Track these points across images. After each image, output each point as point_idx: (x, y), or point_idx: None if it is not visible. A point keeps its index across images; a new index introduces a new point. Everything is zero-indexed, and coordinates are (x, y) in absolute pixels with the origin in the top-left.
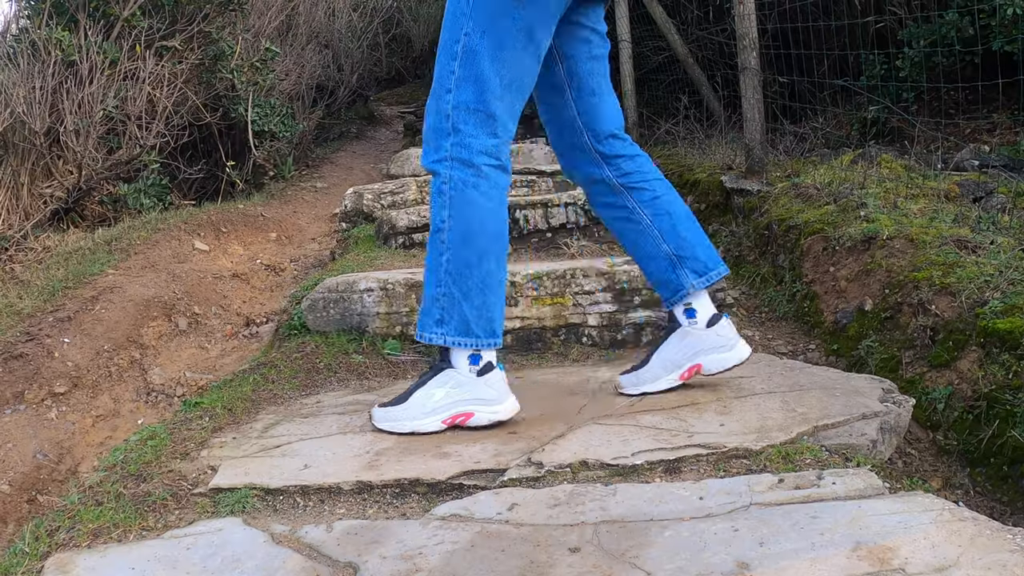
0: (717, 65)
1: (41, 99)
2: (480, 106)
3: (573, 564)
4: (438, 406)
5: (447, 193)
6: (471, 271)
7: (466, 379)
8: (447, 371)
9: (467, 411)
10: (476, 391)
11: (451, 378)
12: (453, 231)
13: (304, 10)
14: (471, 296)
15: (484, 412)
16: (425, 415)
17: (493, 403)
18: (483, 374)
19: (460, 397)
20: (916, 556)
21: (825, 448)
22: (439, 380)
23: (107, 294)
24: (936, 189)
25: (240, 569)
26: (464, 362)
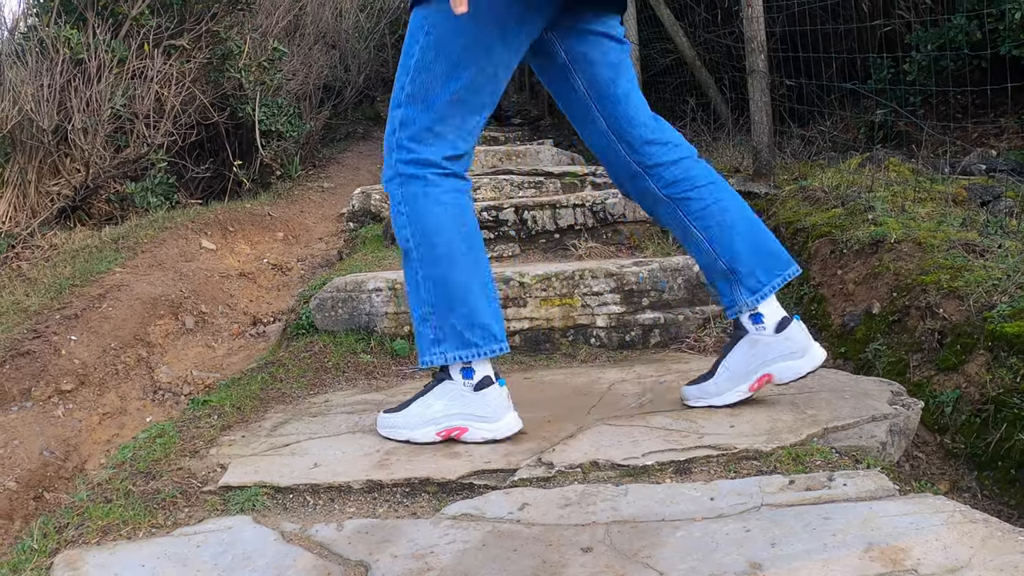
0: (724, 68)
1: (49, 97)
2: (427, 123)
3: (586, 564)
4: (435, 417)
5: (403, 211)
6: (448, 280)
7: (462, 393)
8: (446, 383)
9: (462, 425)
10: (473, 406)
11: (449, 391)
12: (420, 246)
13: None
14: (456, 306)
15: (479, 428)
16: (421, 425)
17: (489, 420)
18: (480, 389)
19: (457, 411)
20: (928, 557)
21: (835, 450)
22: (438, 392)
23: (114, 292)
24: (944, 193)
25: (251, 567)
26: (459, 376)
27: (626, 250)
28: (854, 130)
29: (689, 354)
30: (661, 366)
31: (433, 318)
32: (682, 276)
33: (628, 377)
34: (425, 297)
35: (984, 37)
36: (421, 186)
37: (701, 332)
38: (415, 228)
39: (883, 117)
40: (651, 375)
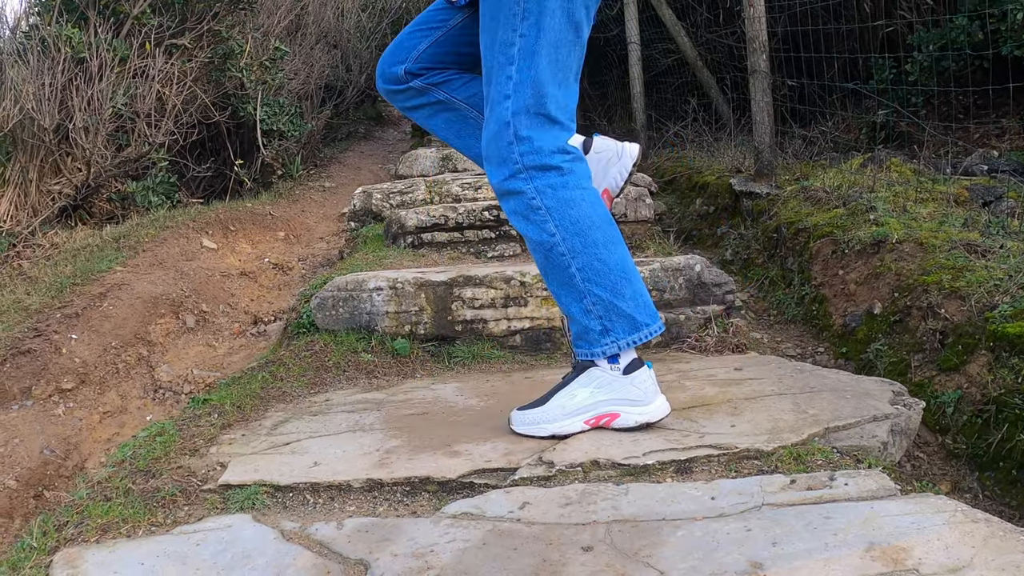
0: (726, 68)
1: (51, 96)
2: (540, 109)
3: (586, 563)
4: (581, 407)
5: (542, 206)
6: (610, 265)
7: (611, 378)
8: (590, 371)
9: (612, 411)
10: (623, 391)
11: (595, 378)
12: (570, 237)
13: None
14: (621, 290)
15: (631, 413)
16: (566, 416)
17: (640, 403)
18: (629, 372)
19: (605, 397)
20: (930, 557)
21: (836, 450)
22: (582, 380)
23: (115, 291)
24: (945, 193)
25: (250, 566)
26: (605, 362)
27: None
28: (855, 130)
29: (690, 354)
30: (662, 365)
31: (598, 308)
32: (683, 276)
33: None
34: (585, 288)
35: (986, 37)
36: (557, 176)
37: (702, 332)
38: (560, 220)
39: (885, 117)
40: None
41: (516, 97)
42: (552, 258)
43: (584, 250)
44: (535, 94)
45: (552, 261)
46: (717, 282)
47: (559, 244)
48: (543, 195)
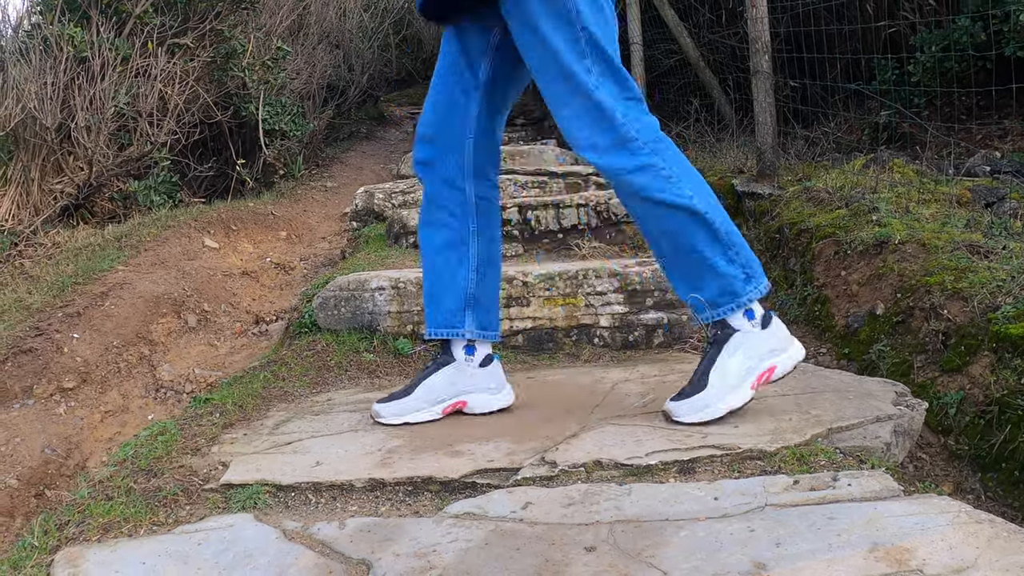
0: (728, 68)
1: (53, 95)
2: (627, 93)
3: (589, 563)
4: (741, 373)
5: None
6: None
7: (752, 335)
8: (732, 337)
9: (770, 364)
10: (767, 343)
11: (739, 342)
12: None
13: (315, 10)
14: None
15: (783, 360)
16: (733, 388)
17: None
18: (767, 325)
19: (756, 355)
20: (934, 557)
21: (839, 450)
22: (728, 349)
23: (116, 290)
24: (948, 194)
25: (252, 565)
26: (744, 321)
27: (629, 250)
28: (858, 131)
29: (692, 354)
30: (664, 366)
31: (741, 256)
32: None
33: (631, 377)
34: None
35: (989, 38)
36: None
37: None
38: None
39: (887, 118)
40: (654, 375)
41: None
42: (695, 218)
43: (716, 204)
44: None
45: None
46: None
47: (698, 204)
48: (670, 163)
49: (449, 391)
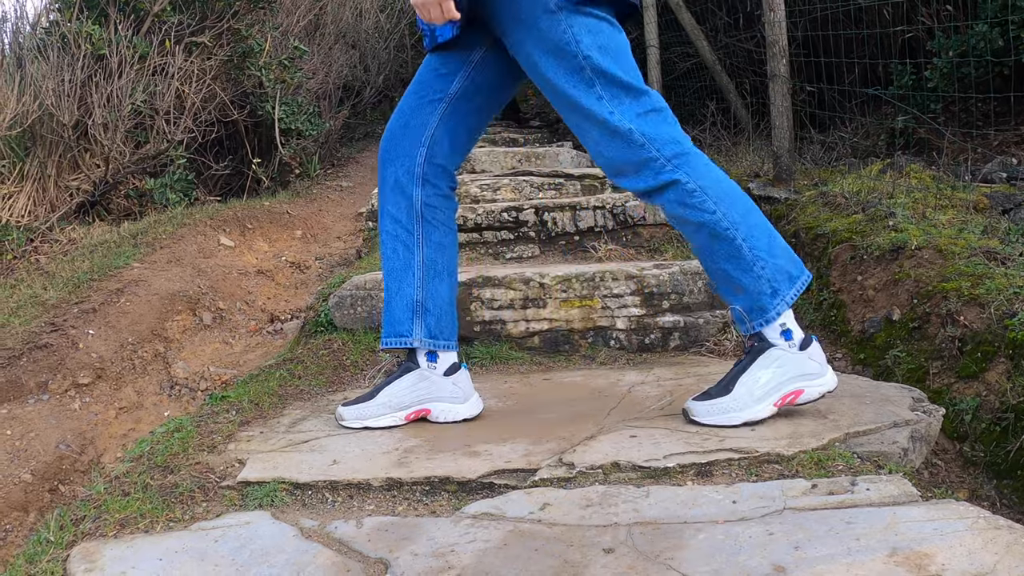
0: (744, 72)
1: (70, 92)
2: (645, 106)
3: (608, 564)
4: (768, 388)
5: (697, 187)
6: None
7: (788, 355)
8: (769, 351)
9: (797, 388)
10: (800, 366)
11: (775, 358)
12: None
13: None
14: (775, 246)
15: (812, 387)
16: (756, 401)
17: (817, 376)
18: (805, 348)
19: (787, 375)
20: (953, 563)
21: (857, 455)
22: (762, 362)
23: (132, 287)
24: (965, 200)
25: (270, 563)
26: (780, 339)
27: (645, 253)
28: (874, 136)
29: (709, 358)
30: (681, 369)
31: (766, 271)
32: (702, 280)
33: (648, 380)
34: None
35: (1007, 44)
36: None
37: (721, 336)
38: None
39: (904, 123)
40: (671, 378)
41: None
42: (718, 234)
43: (742, 219)
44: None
45: (719, 237)
46: None
47: (722, 219)
48: (695, 177)
49: (411, 397)
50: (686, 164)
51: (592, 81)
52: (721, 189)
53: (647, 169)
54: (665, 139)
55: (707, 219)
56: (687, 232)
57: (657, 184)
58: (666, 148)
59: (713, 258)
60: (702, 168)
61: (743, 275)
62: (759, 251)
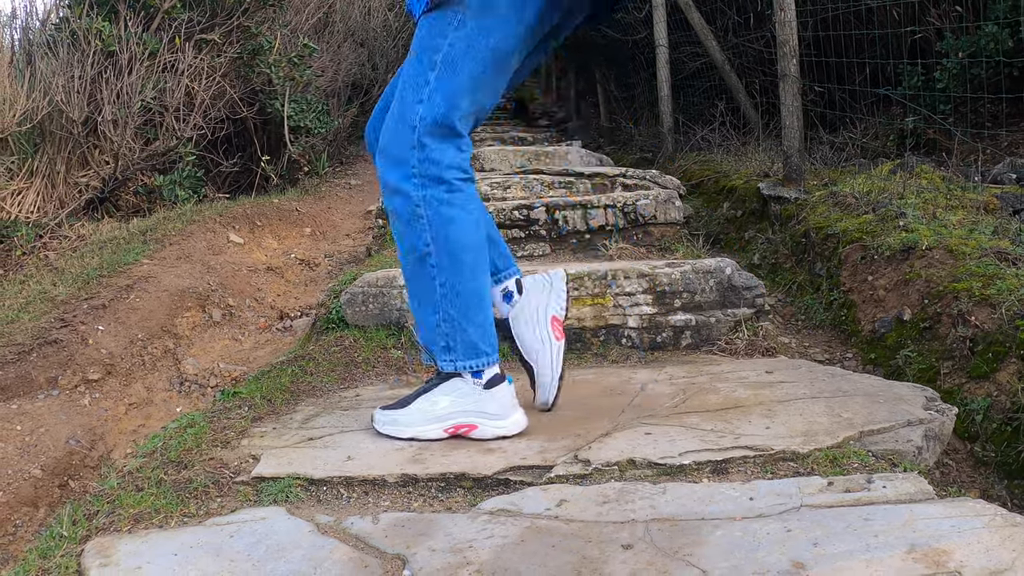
0: (754, 72)
1: (80, 88)
2: (448, 121)
3: (627, 560)
4: (442, 414)
5: (424, 216)
6: (468, 290)
7: (472, 391)
8: (454, 380)
9: (471, 423)
10: (481, 404)
11: (457, 388)
12: (441, 253)
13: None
14: (472, 315)
15: (488, 426)
16: (427, 422)
17: (497, 418)
18: (490, 387)
19: (465, 408)
20: (971, 560)
21: (872, 453)
22: (444, 388)
23: (141, 283)
24: (975, 201)
25: (286, 558)
26: (469, 375)
27: (656, 252)
28: (884, 137)
29: (720, 356)
30: (693, 368)
31: (446, 326)
32: (714, 279)
33: (660, 378)
34: (442, 305)
35: (1016, 45)
36: (446, 191)
37: (732, 335)
38: (437, 234)
39: (913, 124)
40: (683, 376)
41: (428, 104)
42: (421, 266)
43: (451, 268)
44: (448, 106)
45: (420, 268)
46: (747, 285)
47: (431, 256)
48: (428, 206)
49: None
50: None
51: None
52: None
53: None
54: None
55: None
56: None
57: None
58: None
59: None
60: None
61: (428, 315)
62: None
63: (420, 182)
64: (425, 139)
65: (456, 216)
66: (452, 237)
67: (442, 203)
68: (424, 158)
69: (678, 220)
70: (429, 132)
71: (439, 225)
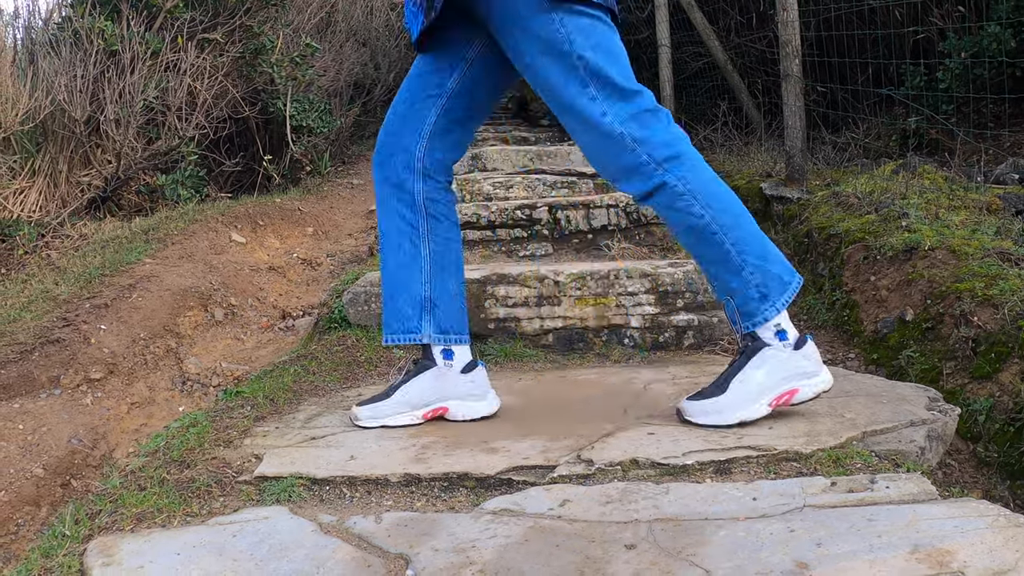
0: (756, 72)
1: (82, 87)
2: (636, 108)
3: (630, 560)
4: (763, 388)
5: (686, 191)
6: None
7: (782, 355)
8: (762, 351)
9: (792, 387)
10: (795, 366)
11: (768, 358)
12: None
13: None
14: (767, 252)
15: (807, 386)
16: (751, 401)
17: (813, 375)
18: (800, 347)
19: (781, 375)
20: (974, 560)
21: (875, 453)
22: (756, 362)
23: (144, 283)
24: (978, 201)
25: (289, 557)
26: (775, 338)
27: (659, 252)
28: (886, 137)
29: (723, 356)
30: (696, 368)
31: (756, 276)
32: None
33: (663, 378)
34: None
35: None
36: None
37: (735, 335)
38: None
39: (916, 124)
40: (686, 376)
41: (612, 111)
42: (705, 238)
43: (732, 223)
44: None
45: (706, 241)
46: None
47: (710, 223)
48: (684, 181)
49: (429, 396)
50: (677, 167)
51: (586, 81)
52: (711, 193)
53: (637, 173)
54: (657, 142)
55: (695, 223)
56: (677, 233)
57: (647, 188)
58: (657, 151)
59: (702, 260)
60: (693, 171)
61: (732, 278)
62: (748, 256)
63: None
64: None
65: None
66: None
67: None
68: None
69: None
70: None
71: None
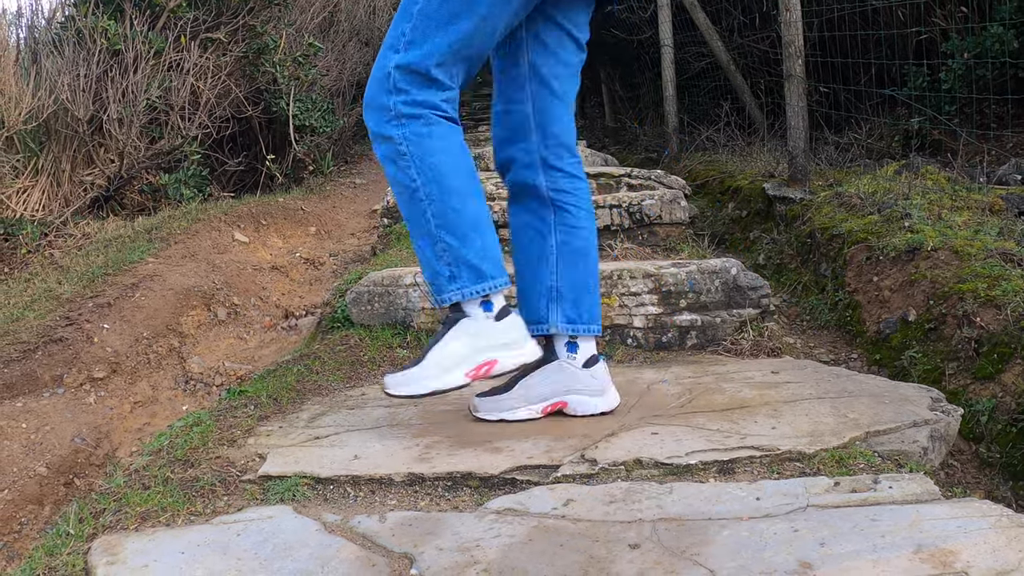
0: (759, 73)
1: (85, 87)
2: (423, 68)
3: (634, 560)
4: (458, 358)
5: (408, 151)
6: (460, 216)
7: (484, 326)
8: (462, 321)
9: (491, 358)
10: (496, 336)
11: (467, 328)
12: (428, 183)
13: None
14: (470, 240)
15: (507, 357)
16: (445, 371)
17: (514, 346)
18: (502, 318)
19: (481, 345)
20: (977, 560)
21: (878, 453)
22: (455, 333)
23: (147, 282)
24: (980, 202)
25: (293, 556)
26: (479, 310)
27: (662, 252)
28: (889, 138)
29: (726, 357)
30: (699, 368)
31: (447, 254)
32: (719, 279)
33: (666, 378)
34: (437, 233)
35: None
36: (424, 124)
37: (738, 335)
38: (422, 165)
39: (919, 125)
40: (689, 376)
41: (404, 53)
42: (412, 201)
43: (440, 197)
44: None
45: (412, 203)
46: (753, 285)
47: (419, 188)
48: (410, 141)
49: (549, 389)
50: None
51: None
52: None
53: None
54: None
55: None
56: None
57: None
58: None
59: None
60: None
61: (424, 246)
62: (444, 232)
63: (399, 123)
64: (401, 84)
65: (438, 145)
66: (437, 165)
67: (422, 136)
68: (401, 100)
69: (683, 220)
70: (404, 78)
71: (423, 156)
